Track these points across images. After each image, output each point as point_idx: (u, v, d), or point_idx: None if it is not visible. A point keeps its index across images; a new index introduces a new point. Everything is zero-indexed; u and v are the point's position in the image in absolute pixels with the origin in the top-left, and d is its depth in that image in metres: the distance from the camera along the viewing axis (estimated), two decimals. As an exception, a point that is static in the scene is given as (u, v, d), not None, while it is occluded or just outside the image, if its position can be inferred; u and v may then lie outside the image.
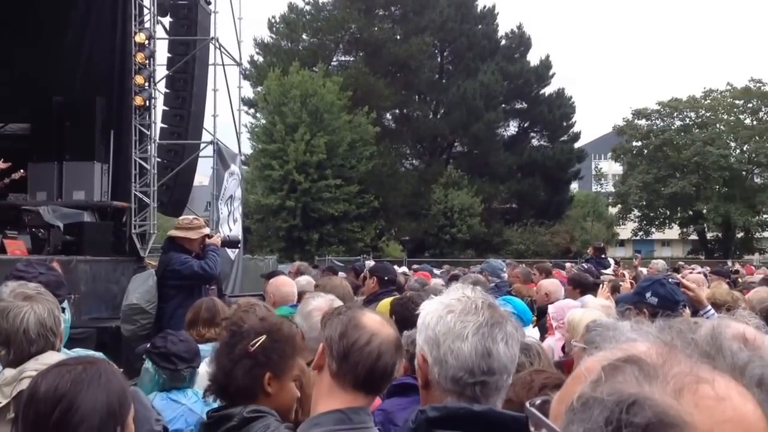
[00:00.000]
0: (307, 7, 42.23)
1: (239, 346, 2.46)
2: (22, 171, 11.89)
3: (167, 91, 13.91)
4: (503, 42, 43.68)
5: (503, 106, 42.16)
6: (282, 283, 5.29)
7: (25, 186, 11.98)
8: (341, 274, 9.35)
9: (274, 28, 42.52)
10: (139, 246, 12.09)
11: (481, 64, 40.93)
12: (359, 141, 35.49)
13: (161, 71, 13.51)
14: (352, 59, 42.59)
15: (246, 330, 2.51)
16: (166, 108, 13.89)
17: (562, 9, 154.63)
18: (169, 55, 13.91)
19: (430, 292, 4.08)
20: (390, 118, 43.63)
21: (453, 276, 10.08)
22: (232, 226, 15.08)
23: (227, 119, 16.11)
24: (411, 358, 2.16)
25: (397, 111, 43.20)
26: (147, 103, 12.13)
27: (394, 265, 10.85)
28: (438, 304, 1.91)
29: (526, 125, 44.48)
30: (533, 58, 44.06)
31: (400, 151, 43.48)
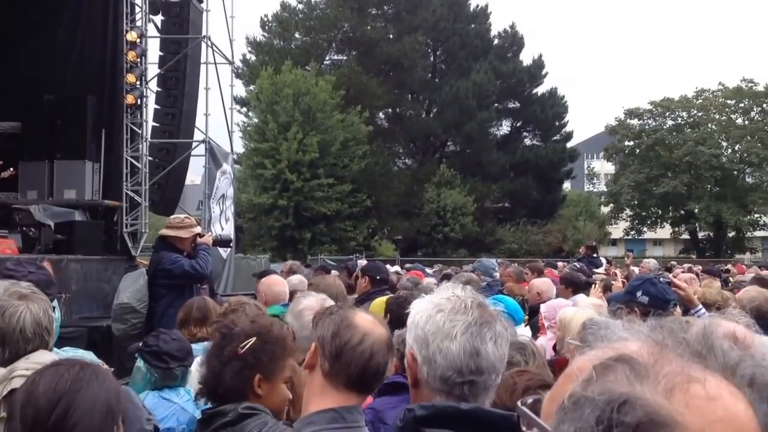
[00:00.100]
0: (300, 6, 42.20)
1: (229, 348, 2.46)
2: (12, 169, 11.86)
3: (159, 89, 13.88)
4: (496, 41, 43.72)
5: (496, 105, 42.19)
6: (273, 282, 5.28)
7: (15, 184, 11.94)
8: (334, 273, 9.32)
9: (267, 27, 42.44)
10: (130, 245, 12.06)
11: (473, 63, 40.94)
12: (352, 140, 35.42)
13: (153, 70, 13.50)
14: (344, 58, 42.53)
15: (236, 332, 2.51)
16: (158, 106, 13.86)
17: (554, 9, 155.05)
18: (161, 53, 13.89)
19: (423, 291, 4.07)
20: (383, 117, 43.61)
21: (445, 275, 10.07)
22: (224, 225, 15.06)
23: (219, 118, 16.11)
24: (402, 357, 2.16)
25: (389, 110, 43.17)
26: (138, 101, 12.11)
27: (387, 265, 10.85)
28: (428, 303, 1.91)
29: (519, 125, 44.54)
30: (526, 57, 44.21)
31: (392, 150, 43.45)
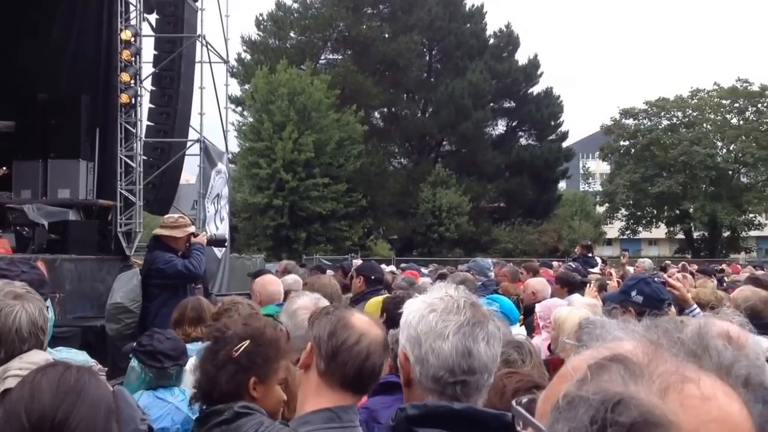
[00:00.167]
0: (295, 5, 42.14)
1: (223, 352, 2.47)
2: (5, 168, 11.84)
3: (153, 88, 13.87)
4: (491, 41, 43.74)
5: (491, 105, 42.23)
6: (268, 281, 5.27)
7: (9, 184, 11.92)
8: (329, 273, 9.31)
9: (262, 26, 42.40)
10: (124, 244, 12.05)
11: (469, 62, 40.96)
12: (347, 139, 35.38)
13: (147, 69, 13.50)
14: (340, 57, 42.52)
15: (229, 335, 2.51)
16: (153, 106, 13.84)
17: (550, 8, 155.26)
18: (156, 52, 13.87)
19: (418, 290, 4.07)
20: (378, 116, 43.60)
21: (441, 275, 10.07)
22: (219, 225, 15.05)
23: (214, 117, 16.11)
24: (395, 356, 2.16)
25: (385, 109, 43.17)
26: (133, 100, 12.09)
27: (382, 264, 10.85)
28: (420, 303, 1.91)
29: (514, 124, 44.57)
30: (521, 57, 44.21)
31: (388, 149, 43.45)
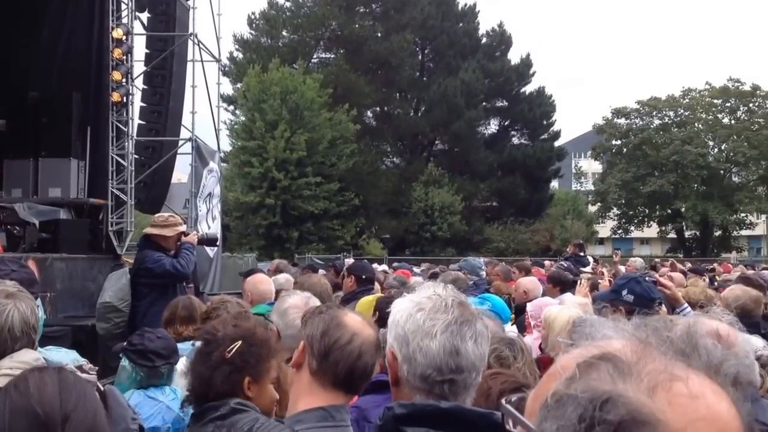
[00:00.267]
0: (288, 4, 42.14)
1: (215, 354, 2.47)
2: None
3: (145, 87, 13.83)
4: (484, 40, 43.84)
5: (484, 104, 42.32)
6: (259, 281, 5.26)
7: (0, 183, 11.85)
8: (321, 272, 9.31)
9: (254, 25, 42.35)
10: (116, 243, 12.02)
11: (462, 62, 41.02)
12: (340, 138, 35.39)
13: (139, 67, 13.45)
14: (332, 56, 42.53)
15: (221, 337, 2.52)
16: (144, 104, 13.81)
17: (543, 8, 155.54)
18: (147, 51, 13.83)
19: (411, 289, 4.07)
20: (371, 115, 43.63)
21: (433, 274, 10.08)
22: (210, 224, 15.03)
23: (206, 116, 16.09)
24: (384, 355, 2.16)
25: (377, 108, 43.20)
26: (124, 99, 12.07)
27: (375, 263, 10.85)
28: (408, 302, 1.92)
29: (507, 123, 44.67)
30: (514, 56, 44.39)
31: (380, 148, 43.49)
